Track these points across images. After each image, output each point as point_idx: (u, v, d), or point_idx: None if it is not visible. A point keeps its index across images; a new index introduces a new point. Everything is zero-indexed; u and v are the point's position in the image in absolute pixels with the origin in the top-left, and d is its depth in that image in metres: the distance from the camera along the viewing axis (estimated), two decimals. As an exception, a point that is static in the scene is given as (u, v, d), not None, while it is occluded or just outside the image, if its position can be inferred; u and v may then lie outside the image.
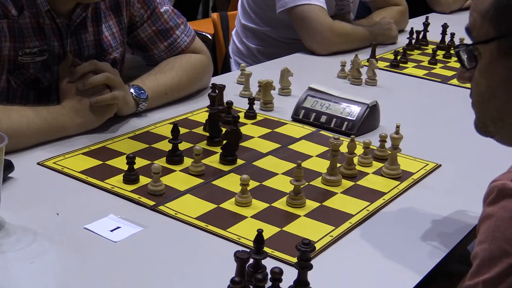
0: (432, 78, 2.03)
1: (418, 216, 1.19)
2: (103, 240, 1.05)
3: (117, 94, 1.44)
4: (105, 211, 1.13)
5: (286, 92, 1.79)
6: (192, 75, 1.67)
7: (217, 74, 2.26)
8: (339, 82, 1.94)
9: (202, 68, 1.70)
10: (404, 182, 1.31)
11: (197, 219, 1.12)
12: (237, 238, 1.07)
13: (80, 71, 1.43)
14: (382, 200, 1.23)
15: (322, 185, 1.27)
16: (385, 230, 1.14)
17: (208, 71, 1.74)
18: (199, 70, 1.69)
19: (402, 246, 1.10)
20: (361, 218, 1.16)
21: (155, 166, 1.19)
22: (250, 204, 1.18)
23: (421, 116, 1.72)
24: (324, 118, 1.56)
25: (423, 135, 1.58)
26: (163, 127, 1.50)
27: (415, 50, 2.31)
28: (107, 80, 1.44)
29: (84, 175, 1.25)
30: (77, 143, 1.38)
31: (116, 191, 1.20)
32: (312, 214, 1.17)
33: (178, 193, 1.21)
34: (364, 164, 1.37)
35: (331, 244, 1.08)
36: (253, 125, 1.56)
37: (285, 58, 2.16)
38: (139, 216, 1.13)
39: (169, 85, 1.61)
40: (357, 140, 1.37)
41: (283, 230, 1.10)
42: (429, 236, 1.13)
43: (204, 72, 1.72)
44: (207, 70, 1.73)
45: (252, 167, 1.33)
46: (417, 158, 1.42)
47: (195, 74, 1.68)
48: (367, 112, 1.53)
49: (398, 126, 1.34)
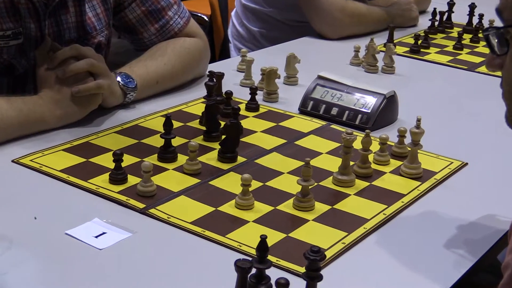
0: (458, 65, 2.03)
1: (442, 221, 1.20)
2: (86, 247, 1.05)
3: (102, 82, 1.44)
4: (89, 215, 1.13)
5: (293, 81, 1.79)
6: (186, 61, 1.67)
7: (215, 60, 2.26)
8: (352, 70, 1.94)
9: (197, 54, 1.71)
10: (425, 183, 1.31)
11: (192, 223, 1.13)
12: (237, 245, 1.07)
13: (60, 56, 1.43)
14: (401, 203, 1.23)
15: (333, 185, 1.28)
16: (404, 236, 1.15)
17: (204, 57, 1.75)
18: (195, 56, 1.70)
19: (424, 254, 1.10)
20: (377, 223, 1.17)
21: (145, 164, 1.19)
22: (252, 207, 1.18)
23: (445, 108, 1.72)
24: (336, 110, 1.56)
25: (447, 129, 1.58)
26: (154, 120, 1.50)
27: (438, 34, 2.31)
28: (91, 67, 1.44)
29: (65, 174, 1.25)
30: (57, 138, 1.39)
31: (101, 192, 1.20)
32: (322, 218, 1.17)
33: (171, 194, 1.21)
34: (381, 162, 1.37)
35: (343, 252, 1.08)
36: (256, 118, 1.56)
37: (291, 42, 2.17)
38: (127, 221, 1.13)
39: (161, 72, 1.61)
40: (373, 135, 1.37)
41: (290, 236, 1.11)
42: (454, 244, 1.13)
43: (200, 58, 1.72)
44: (203, 56, 1.73)
45: (254, 166, 1.33)
46: (440, 156, 1.42)
47: (190, 60, 1.68)
48: (384, 104, 1.54)
49: (419, 119, 1.34)
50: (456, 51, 2.15)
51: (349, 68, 1.95)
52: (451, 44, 2.20)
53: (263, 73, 1.71)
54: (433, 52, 2.13)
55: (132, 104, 1.57)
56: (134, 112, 1.54)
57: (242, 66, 1.84)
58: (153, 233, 1.11)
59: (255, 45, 2.40)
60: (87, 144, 1.38)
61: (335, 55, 2.08)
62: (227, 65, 1.91)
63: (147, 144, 1.39)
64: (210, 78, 1.52)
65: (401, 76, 1.92)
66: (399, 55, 2.03)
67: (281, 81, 1.77)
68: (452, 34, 2.32)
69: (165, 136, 1.33)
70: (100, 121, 1.48)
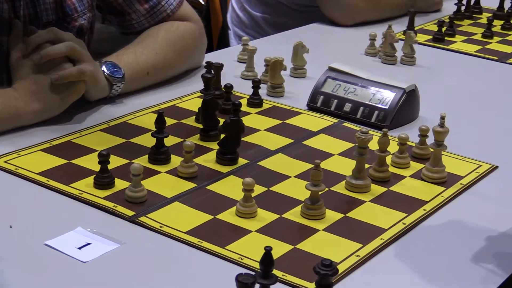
0: (487, 55, 2.04)
1: (469, 232, 1.20)
2: (68, 260, 1.06)
3: (85, 68, 1.43)
4: (71, 224, 1.13)
5: (300, 73, 1.80)
6: (180, 50, 1.68)
7: (212, 49, 2.27)
8: (368, 61, 1.95)
9: (192, 42, 1.71)
10: (450, 188, 1.31)
11: (188, 233, 1.13)
12: (239, 258, 1.08)
13: (35, 40, 1.43)
14: (423, 211, 1.24)
15: (346, 191, 1.28)
16: (426, 248, 1.15)
17: (200, 45, 1.75)
18: (189, 44, 1.70)
19: (448, 269, 1.10)
20: (396, 233, 1.17)
21: (135, 166, 1.20)
22: (255, 215, 1.19)
23: (472, 104, 1.72)
24: (349, 106, 1.57)
25: (475, 128, 1.58)
26: (145, 117, 1.51)
27: (465, 20, 2.32)
28: (71, 51, 1.43)
29: (44, 177, 1.26)
30: (35, 136, 1.39)
31: (85, 197, 1.21)
32: (333, 228, 1.17)
33: (164, 200, 1.22)
34: (400, 165, 1.37)
35: (358, 266, 1.09)
36: (259, 115, 1.56)
37: (299, 29, 2.17)
38: (114, 230, 1.13)
39: (152, 62, 1.61)
40: (391, 135, 1.37)
41: (297, 248, 1.11)
42: (483, 257, 1.13)
43: (195, 46, 1.72)
44: (198, 43, 1.74)
45: (257, 168, 1.34)
46: (467, 158, 1.42)
47: (184, 49, 1.69)
48: (404, 99, 1.54)
49: (443, 117, 1.35)
50: (485, 39, 2.16)
51: (364, 59, 1.96)
52: (479, 32, 2.20)
53: (267, 64, 1.72)
54: (459, 41, 2.14)
55: (120, 98, 1.57)
56: (122, 108, 1.54)
57: (243, 56, 1.84)
58: (143, 244, 1.11)
59: (258, 32, 2.40)
60: (69, 143, 1.38)
61: (348, 44, 2.08)
62: (227, 54, 1.92)
63: (137, 144, 1.39)
64: (208, 70, 1.52)
65: (422, 67, 1.92)
66: (420, 44, 2.03)
67: (287, 73, 1.77)
68: (481, 20, 2.33)
69: (157, 134, 1.34)
70: (83, 118, 1.48)
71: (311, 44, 1.80)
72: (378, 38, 1.98)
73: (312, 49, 1.79)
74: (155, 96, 1.61)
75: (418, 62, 1.93)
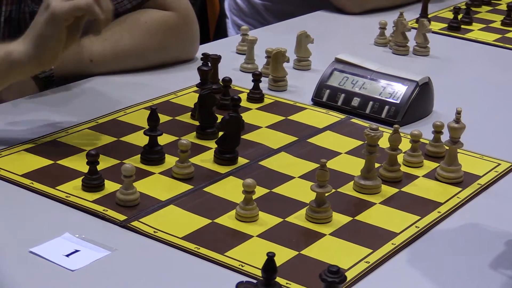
0: (507, 44, 2.04)
1: (487, 236, 1.21)
2: (55, 268, 1.06)
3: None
4: (58, 229, 1.14)
5: (305, 65, 1.80)
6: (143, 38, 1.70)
7: (209, 40, 2.27)
8: (378, 51, 1.95)
9: (163, 31, 1.72)
10: (467, 189, 1.32)
11: (184, 239, 1.14)
12: (239, 265, 1.09)
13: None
14: (437, 213, 1.25)
15: (354, 192, 1.29)
16: (441, 254, 1.16)
17: (181, 35, 1.75)
18: (155, 32, 1.72)
19: (464, 276, 1.11)
20: (408, 237, 1.18)
21: (126, 167, 1.20)
22: (257, 218, 1.19)
23: (490, 98, 1.72)
24: (357, 101, 1.57)
25: (493, 124, 1.59)
26: (137, 114, 1.51)
27: (483, 6, 2.32)
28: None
29: (28, 179, 1.27)
30: (18, 135, 1.40)
31: (72, 201, 1.22)
32: (341, 232, 1.18)
33: (158, 203, 1.22)
34: (412, 164, 1.38)
35: (368, 273, 1.09)
36: (260, 111, 1.57)
37: (303, 18, 2.18)
38: (105, 236, 1.14)
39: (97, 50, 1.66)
40: (402, 131, 1.38)
41: (302, 254, 1.12)
42: (502, 263, 1.14)
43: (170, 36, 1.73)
44: (178, 34, 1.74)
45: (258, 168, 1.35)
46: (485, 156, 1.43)
47: (148, 37, 1.71)
48: (416, 93, 1.55)
49: (459, 112, 1.35)
50: (505, 27, 2.16)
51: (374, 49, 1.97)
52: (498, 19, 2.21)
53: (268, 56, 1.73)
54: (476, 29, 2.14)
55: (109, 93, 1.58)
56: (112, 104, 1.55)
57: (242, 47, 1.85)
58: (136, 251, 1.12)
59: (258, 21, 2.41)
60: (55, 142, 1.39)
61: (356, 33, 2.09)
62: (225, 45, 1.92)
63: (128, 143, 1.40)
64: (204, 62, 1.53)
65: (437, 58, 1.93)
66: (434, 33, 2.04)
67: (291, 65, 1.78)
68: (500, 6, 2.33)
69: (149, 132, 1.34)
70: (70, 115, 1.49)
71: (316, 34, 1.80)
72: (389, 27, 1.99)
73: (317, 39, 1.80)
74: (148, 91, 1.62)
75: (432, 53, 1.94)
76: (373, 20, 2.07)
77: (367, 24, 2.11)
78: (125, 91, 1.61)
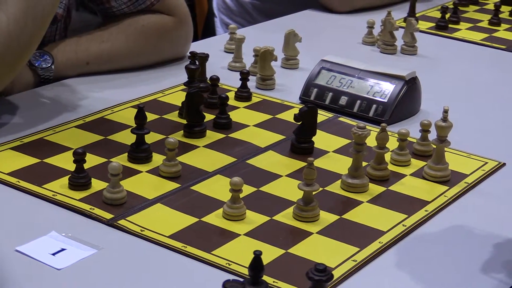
0: (494, 44, 2.05)
1: (474, 236, 1.21)
2: (42, 267, 1.06)
3: None
4: (44, 228, 1.14)
5: (292, 64, 1.80)
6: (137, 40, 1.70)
7: (197, 38, 2.27)
8: (365, 50, 1.95)
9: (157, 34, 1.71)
10: (454, 187, 1.32)
11: (171, 237, 1.14)
12: (226, 264, 1.09)
13: None
14: (424, 212, 1.25)
15: (342, 191, 1.29)
16: (429, 253, 1.16)
17: (175, 38, 1.75)
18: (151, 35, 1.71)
19: (452, 276, 1.11)
20: (395, 236, 1.18)
21: (113, 165, 1.20)
22: (244, 217, 1.19)
23: (477, 96, 1.73)
24: (345, 99, 1.57)
25: (480, 122, 1.59)
26: (124, 112, 1.51)
27: (470, 6, 2.33)
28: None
29: (15, 178, 1.26)
30: (4, 133, 1.39)
31: (59, 200, 1.21)
32: (328, 230, 1.18)
33: (145, 202, 1.22)
34: (400, 162, 1.38)
35: (355, 272, 1.09)
36: (247, 109, 1.57)
37: (291, 16, 2.18)
38: (91, 234, 1.14)
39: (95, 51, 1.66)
40: (390, 130, 1.38)
41: (289, 253, 1.12)
42: (490, 264, 1.14)
43: (163, 39, 1.72)
44: (172, 37, 1.74)
45: (246, 167, 1.35)
46: (472, 155, 1.43)
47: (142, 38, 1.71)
48: (404, 92, 1.55)
49: (446, 110, 1.35)
50: (492, 27, 2.17)
51: (362, 48, 1.97)
52: (486, 19, 2.21)
53: (256, 54, 1.73)
54: (464, 29, 2.15)
55: (96, 91, 1.58)
56: (99, 102, 1.55)
57: (230, 46, 1.85)
58: (122, 249, 1.12)
59: (246, 20, 2.41)
60: (41, 141, 1.38)
61: (344, 32, 2.09)
62: (212, 44, 1.92)
63: (115, 141, 1.40)
64: (192, 61, 1.53)
65: (424, 57, 1.93)
66: (422, 32, 2.04)
67: (278, 64, 1.78)
68: (488, 6, 2.34)
69: (137, 131, 1.34)
70: (57, 113, 1.49)
71: (304, 33, 1.80)
72: (377, 26, 1.99)
73: (305, 38, 1.80)
74: (135, 90, 1.61)
75: (419, 52, 1.94)
76: (361, 19, 2.08)
77: (355, 23, 2.11)
78: (112, 90, 1.61)
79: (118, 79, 1.67)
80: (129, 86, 1.63)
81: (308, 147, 1.40)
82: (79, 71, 1.66)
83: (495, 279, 1.10)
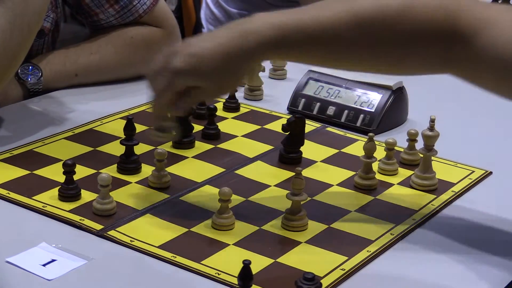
0: (480, 53, 2.05)
1: (462, 243, 1.21)
2: (32, 278, 1.06)
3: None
4: (34, 239, 1.14)
5: (280, 75, 1.81)
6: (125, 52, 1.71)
7: (185, 49, 2.27)
8: (353, 60, 1.96)
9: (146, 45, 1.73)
10: (441, 196, 1.33)
11: (160, 248, 1.14)
12: (215, 273, 1.09)
13: None
14: (412, 221, 1.25)
15: (330, 200, 1.29)
16: (416, 261, 1.16)
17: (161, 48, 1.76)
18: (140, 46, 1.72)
19: (440, 283, 1.12)
20: (383, 245, 1.19)
21: (103, 176, 1.21)
22: (233, 227, 1.20)
23: (464, 105, 1.73)
24: (332, 109, 1.58)
25: (467, 131, 1.60)
26: (113, 123, 1.52)
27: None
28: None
29: (5, 189, 1.27)
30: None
31: (49, 211, 1.22)
32: (316, 240, 1.19)
33: (135, 213, 1.23)
34: (387, 171, 1.39)
35: (343, 280, 1.10)
36: (236, 120, 1.58)
37: (279, 27, 2.18)
38: (81, 245, 1.14)
39: (84, 63, 1.67)
40: (377, 140, 1.39)
41: (278, 262, 1.13)
42: (477, 271, 1.15)
43: (150, 49, 1.73)
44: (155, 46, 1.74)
45: (234, 177, 1.35)
46: (458, 163, 1.44)
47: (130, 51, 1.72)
48: (391, 101, 1.56)
49: (433, 119, 1.36)
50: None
51: (349, 58, 1.97)
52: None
53: (244, 65, 1.73)
54: (450, 38, 2.15)
55: (85, 103, 1.59)
56: (88, 114, 1.55)
57: (218, 57, 1.85)
58: (112, 260, 1.12)
59: (234, 31, 2.41)
60: (31, 152, 1.39)
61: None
62: (201, 55, 1.93)
63: (105, 153, 1.40)
64: (180, 72, 1.53)
65: (411, 67, 1.94)
66: (409, 42, 2.05)
67: (266, 74, 1.78)
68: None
69: (126, 142, 1.35)
70: (46, 125, 1.49)
71: (291, 43, 1.81)
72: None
73: (292, 48, 1.80)
74: (124, 101, 1.62)
75: (406, 61, 1.95)
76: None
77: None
78: (101, 101, 1.61)
79: (106, 91, 1.68)
80: (118, 97, 1.64)
81: (296, 157, 1.41)
82: (68, 83, 1.66)
83: (480, 284, 1.11)
